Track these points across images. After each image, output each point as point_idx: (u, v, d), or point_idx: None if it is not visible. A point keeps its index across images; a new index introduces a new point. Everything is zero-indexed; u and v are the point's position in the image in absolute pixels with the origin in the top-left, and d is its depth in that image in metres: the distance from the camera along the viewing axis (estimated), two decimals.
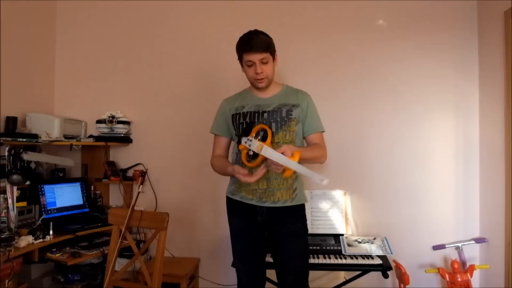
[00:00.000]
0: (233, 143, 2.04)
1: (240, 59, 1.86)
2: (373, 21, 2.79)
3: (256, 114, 1.88)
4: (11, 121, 2.40)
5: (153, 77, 2.96)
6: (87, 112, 2.94)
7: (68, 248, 2.36)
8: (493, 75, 2.54)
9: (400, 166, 2.75)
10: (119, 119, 2.81)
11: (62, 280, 2.57)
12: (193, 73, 2.93)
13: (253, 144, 1.71)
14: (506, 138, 2.39)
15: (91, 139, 2.78)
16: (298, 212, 1.92)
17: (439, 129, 2.73)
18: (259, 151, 1.66)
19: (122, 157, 2.96)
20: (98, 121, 2.81)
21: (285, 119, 1.86)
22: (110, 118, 2.78)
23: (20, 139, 2.34)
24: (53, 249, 2.29)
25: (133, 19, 2.99)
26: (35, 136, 2.44)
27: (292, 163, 1.56)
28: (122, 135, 2.84)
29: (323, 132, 1.97)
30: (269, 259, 2.19)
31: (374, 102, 2.78)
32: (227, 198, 2.00)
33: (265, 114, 1.87)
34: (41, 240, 2.21)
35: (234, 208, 1.96)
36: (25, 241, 2.12)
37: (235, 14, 2.88)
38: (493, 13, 2.52)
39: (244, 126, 1.88)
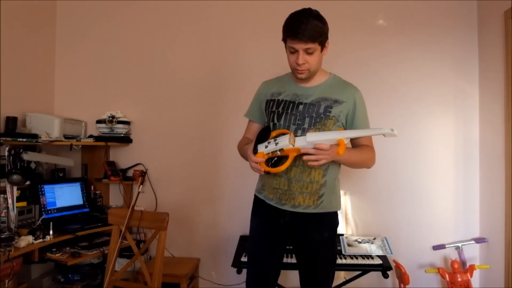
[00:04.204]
0: None
1: (284, 41, 1.61)
2: (373, 22, 2.79)
3: (291, 105, 1.67)
4: (11, 121, 2.40)
5: (153, 77, 2.96)
6: (87, 112, 2.94)
7: (68, 248, 2.36)
8: (493, 75, 2.53)
9: (400, 166, 2.75)
10: (119, 119, 2.81)
11: (62, 280, 2.57)
12: (193, 73, 2.92)
13: (281, 141, 1.51)
14: (506, 138, 2.39)
15: (91, 139, 2.78)
16: (325, 219, 1.71)
17: (439, 129, 2.73)
18: (293, 144, 1.47)
19: (122, 157, 2.96)
20: (98, 121, 2.81)
21: (322, 115, 1.63)
22: (110, 118, 2.78)
23: (20, 139, 2.34)
24: (53, 249, 2.29)
25: (133, 19, 2.98)
26: (35, 136, 2.43)
27: (344, 133, 1.45)
28: (122, 135, 2.84)
29: None
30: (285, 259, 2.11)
31: (374, 102, 2.75)
32: (255, 196, 1.84)
33: (301, 106, 1.65)
34: (41, 240, 2.21)
35: (258, 207, 1.81)
36: (25, 241, 2.12)
37: (235, 14, 2.88)
38: (493, 13, 2.52)
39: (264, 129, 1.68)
